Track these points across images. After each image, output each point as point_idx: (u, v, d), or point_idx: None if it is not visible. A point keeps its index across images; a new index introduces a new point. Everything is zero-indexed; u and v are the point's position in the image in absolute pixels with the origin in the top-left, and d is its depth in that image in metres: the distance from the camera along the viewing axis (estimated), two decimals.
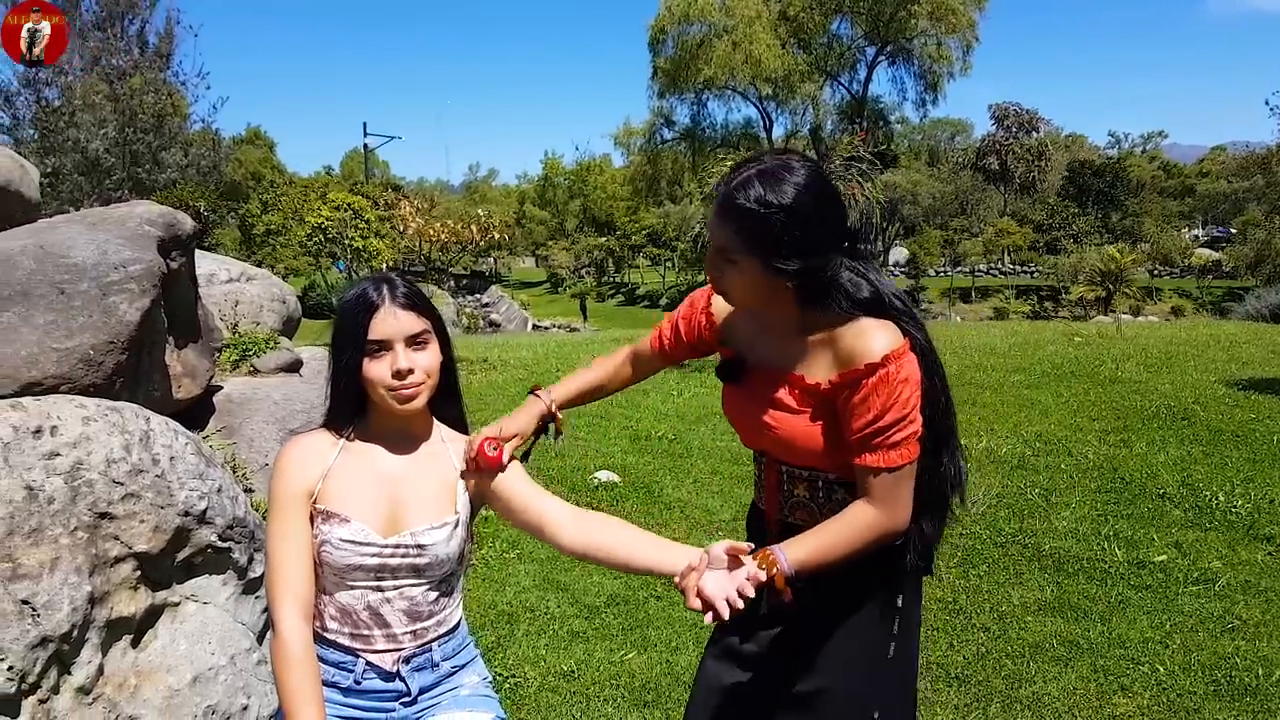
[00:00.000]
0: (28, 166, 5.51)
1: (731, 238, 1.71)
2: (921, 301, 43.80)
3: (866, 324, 1.73)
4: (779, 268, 1.68)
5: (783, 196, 1.66)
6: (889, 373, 1.68)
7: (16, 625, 2.28)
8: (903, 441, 1.70)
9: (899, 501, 1.72)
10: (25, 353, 3.36)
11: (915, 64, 35.15)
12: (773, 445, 1.90)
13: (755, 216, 1.67)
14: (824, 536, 1.72)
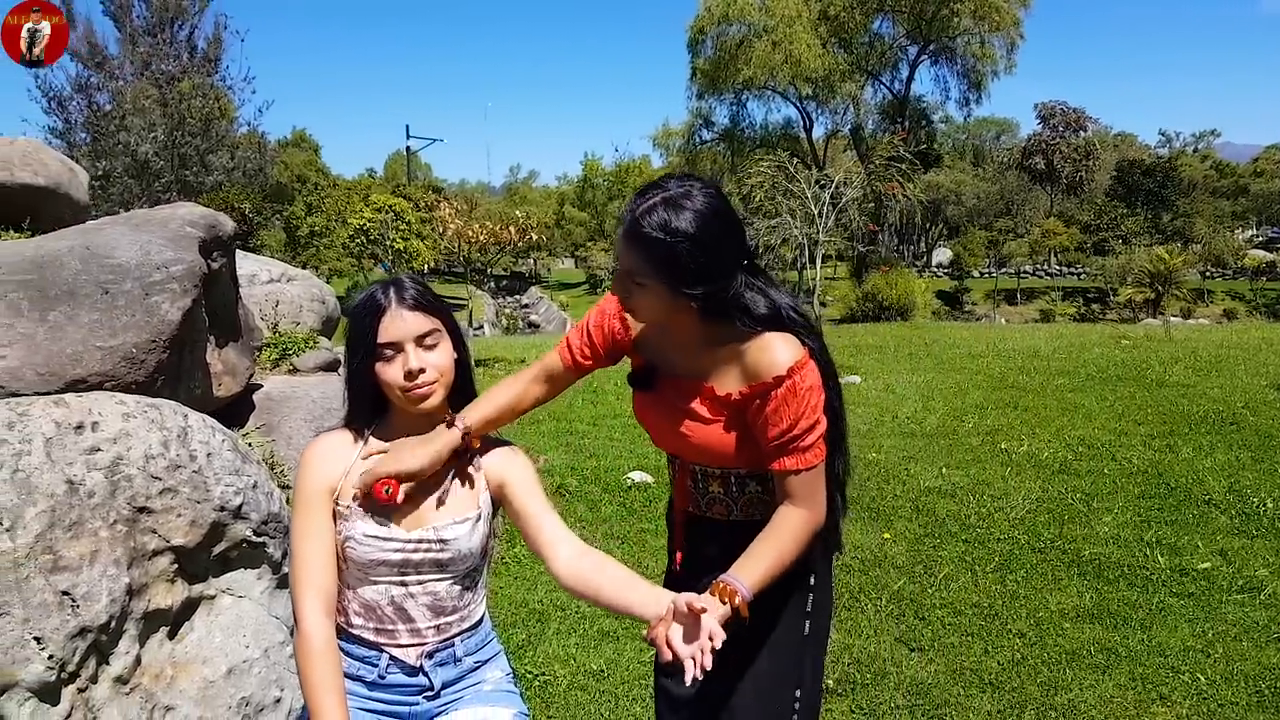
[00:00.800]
0: (77, 169, 5.65)
1: (639, 263, 1.78)
2: (965, 303, 43.28)
3: (770, 338, 1.83)
4: (684, 291, 1.77)
5: (687, 224, 1.73)
6: (795, 383, 1.79)
7: (57, 615, 2.34)
8: (814, 444, 1.83)
9: (817, 497, 1.85)
10: (70, 351, 3.44)
11: (958, 63, 34.74)
12: (688, 451, 2.00)
13: (661, 245, 1.73)
14: (768, 552, 1.81)
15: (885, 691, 3.41)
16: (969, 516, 5.45)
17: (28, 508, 2.36)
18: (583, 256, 68.12)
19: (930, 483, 6.21)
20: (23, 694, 2.28)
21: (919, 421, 8.49)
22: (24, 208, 5.07)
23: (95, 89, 20.58)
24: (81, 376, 3.43)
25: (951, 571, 4.59)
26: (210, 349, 4.18)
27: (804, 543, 1.83)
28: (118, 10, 24.37)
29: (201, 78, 21.07)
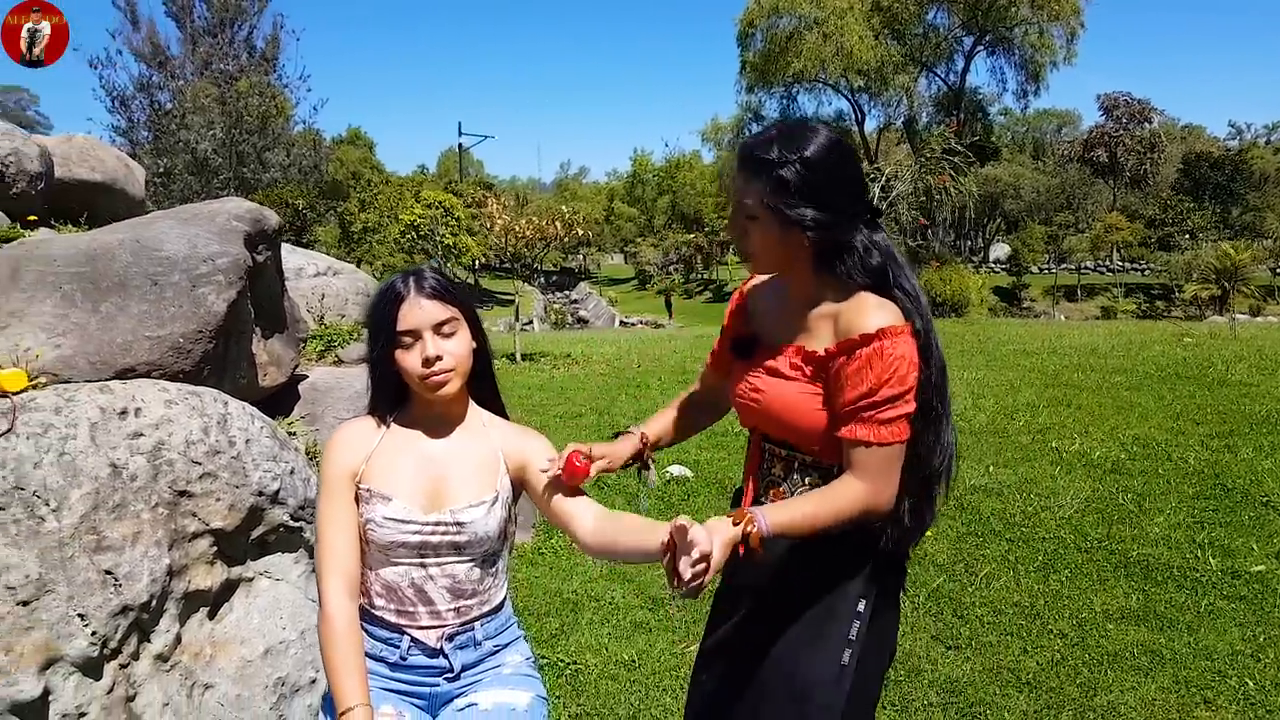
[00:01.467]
0: (133, 166, 5.81)
1: (750, 191, 1.73)
2: (1023, 300, 42.52)
3: (869, 298, 1.74)
4: (793, 217, 1.70)
5: (800, 149, 1.70)
6: (883, 346, 1.67)
7: (100, 593, 2.42)
8: (895, 420, 1.69)
9: (885, 480, 1.70)
10: (121, 340, 3.54)
11: (1016, 53, 34.04)
12: (758, 416, 1.90)
13: (772, 166, 1.69)
14: (806, 504, 1.70)
15: (919, 689, 3.38)
16: (1014, 515, 5.37)
17: (73, 490, 2.45)
18: (632, 252, 68.17)
19: (976, 481, 6.13)
20: (67, 668, 2.36)
21: (968, 419, 8.37)
22: (82, 202, 5.22)
23: (156, 88, 21.13)
24: (131, 365, 3.54)
25: (993, 570, 4.53)
26: (256, 340, 4.28)
27: (850, 517, 1.69)
28: (179, 11, 25.02)
29: (258, 77, 21.50)
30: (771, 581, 1.86)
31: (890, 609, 1.92)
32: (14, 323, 3.51)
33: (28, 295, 3.57)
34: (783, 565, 1.83)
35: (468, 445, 1.97)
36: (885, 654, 1.94)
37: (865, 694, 1.89)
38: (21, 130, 4.77)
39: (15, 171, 4.50)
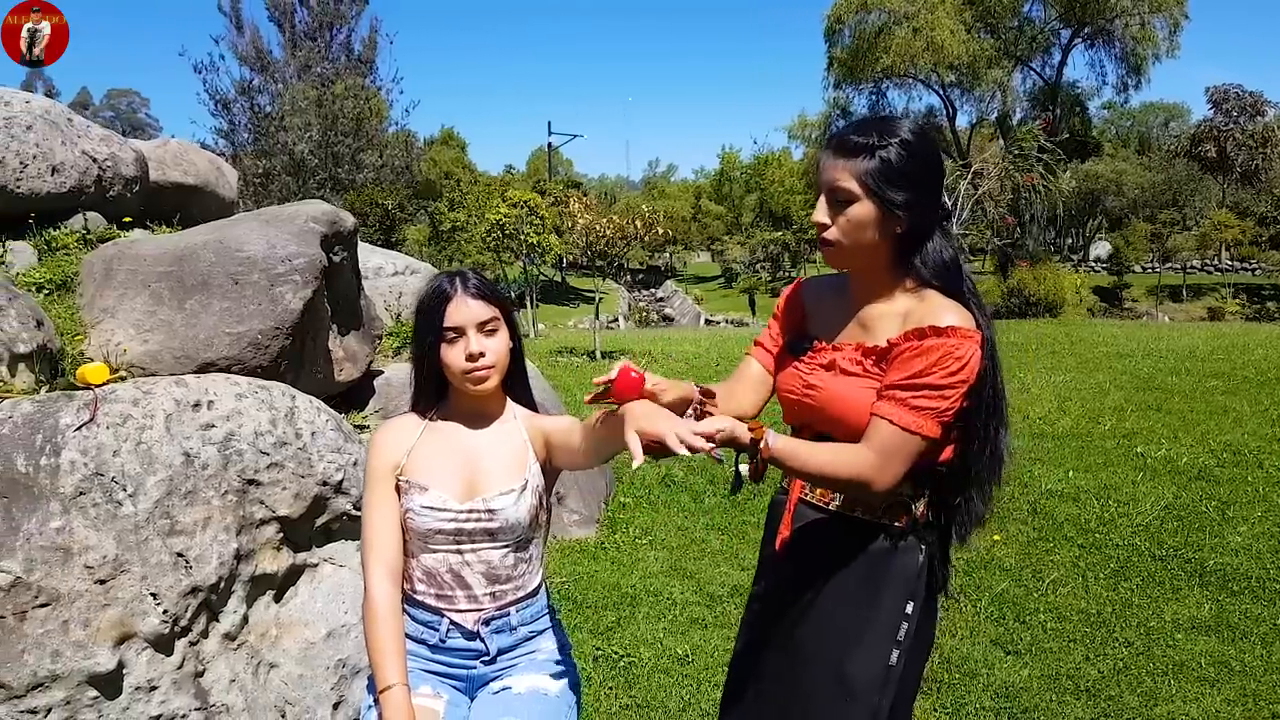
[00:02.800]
0: (225, 168, 6.09)
1: (849, 173, 1.72)
2: (1124, 300, 41.04)
3: (942, 299, 1.74)
4: (892, 198, 1.70)
5: (898, 132, 1.73)
6: (946, 342, 1.67)
7: (171, 574, 2.58)
8: (925, 410, 1.67)
9: (893, 462, 1.68)
10: (203, 336, 3.75)
11: (1116, 46, 32.72)
12: (811, 412, 1.87)
13: (874, 148, 1.70)
14: (811, 447, 1.73)
15: (973, 692, 3.35)
16: (1089, 521, 5.24)
17: (148, 476, 2.61)
18: (719, 250, 67.96)
19: (1053, 486, 6.00)
20: (140, 644, 2.53)
21: (1051, 423, 8.18)
22: (175, 204, 5.50)
23: (257, 91, 21.96)
24: (212, 360, 3.74)
25: (1061, 576, 4.44)
26: (333, 336, 4.46)
27: (846, 478, 1.70)
28: (281, 15, 25.93)
29: (354, 79, 22.14)
30: (817, 585, 1.86)
31: (933, 607, 1.92)
32: (106, 319, 3.75)
33: (119, 293, 3.81)
34: (824, 566, 1.85)
35: (501, 438, 2.06)
36: (926, 652, 1.94)
37: (907, 692, 1.89)
38: (119, 136, 5.05)
39: (112, 175, 4.78)
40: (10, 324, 3.29)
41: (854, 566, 1.83)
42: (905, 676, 1.83)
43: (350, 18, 26.51)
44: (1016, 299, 27.54)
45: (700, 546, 4.93)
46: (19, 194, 4.37)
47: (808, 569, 1.88)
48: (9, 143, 4.37)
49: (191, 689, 2.61)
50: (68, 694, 2.45)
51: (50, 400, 2.69)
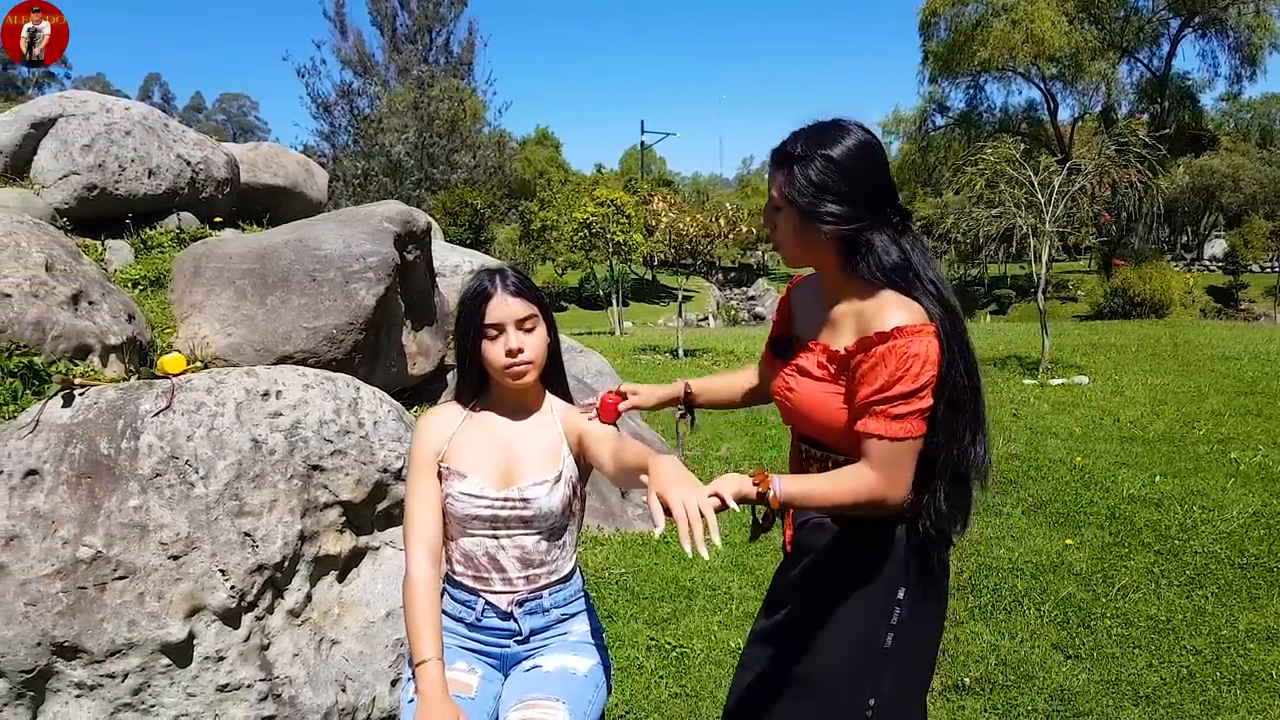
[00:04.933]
0: (314, 170, 6.36)
1: (778, 184, 1.83)
2: (1240, 300, 39.14)
3: (889, 296, 1.78)
4: (815, 212, 1.77)
5: (826, 146, 1.77)
6: (899, 345, 1.70)
7: (239, 552, 2.75)
8: (907, 415, 1.71)
9: (897, 473, 1.73)
10: (282, 330, 3.95)
11: (1229, 35, 31.13)
12: (791, 414, 1.96)
13: (795, 160, 1.78)
14: (818, 480, 1.77)
15: (1026, 695, 3.30)
16: (1169, 527, 5.08)
17: (219, 460, 2.78)
18: None
19: (1135, 491, 5.82)
20: (209, 617, 2.70)
21: (1143, 426, 7.92)
22: (265, 205, 5.78)
23: (356, 94, 22.68)
24: (289, 353, 3.94)
25: (1132, 582, 4.32)
26: (406, 331, 4.63)
27: (858, 502, 1.74)
28: (381, 20, 26.72)
29: (450, 81, 22.67)
30: (815, 579, 1.94)
31: (932, 597, 1.93)
32: (194, 313, 3.98)
33: (207, 289, 4.04)
34: (822, 562, 1.93)
35: (537, 430, 2.14)
36: (927, 639, 1.97)
37: (908, 676, 1.93)
38: (211, 140, 5.33)
39: (204, 177, 5.05)
40: (103, 318, 3.54)
41: (848, 559, 1.89)
42: (904, 660, 1.88)
43: (449, 20, 27.17)
44: (1120, 299, 26.57)
45: (763, 543, 4.94)
46: (118, 195, 4.66)
47: (809, 564, 1.96)
48: (109, 147, 4.66)
49: (257, 661, 2.78)
50: (142, 661, 2.63)
51: (132, 388, 2.89)
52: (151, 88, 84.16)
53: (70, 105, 4.76)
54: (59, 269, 3.51)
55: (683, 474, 1.65)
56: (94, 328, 3.45)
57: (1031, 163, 11.65)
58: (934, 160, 36.64)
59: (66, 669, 2.62)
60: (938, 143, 36.70)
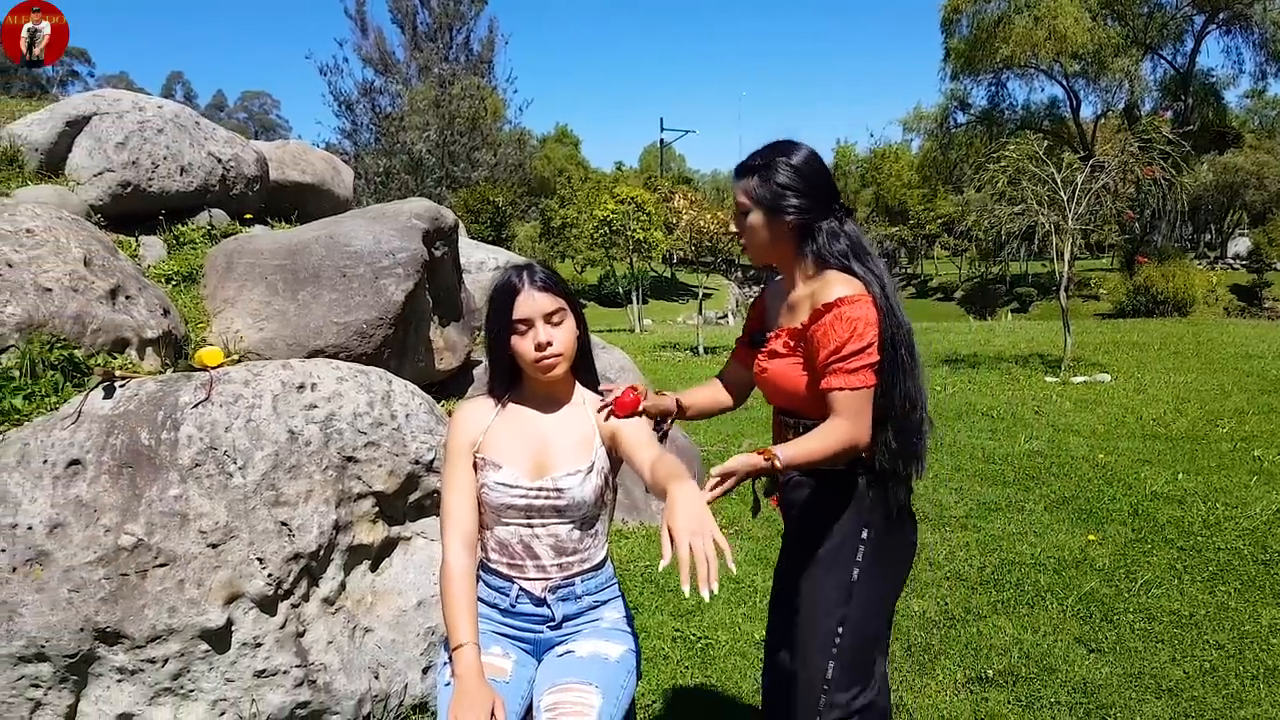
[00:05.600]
0: (340, 167, 6.43)
1: (741, 191, 2.19)
2: (1264, 299, 38.78)
3: (833, 275, 2.12)
4: (780, 206, 2.13)
5: (784, 156, 2.16)
6: (843, 310, 2.04)
7: (276, 541, 2.81)
8: (859, 369, 2.03)
9: (862, 418, 2.05)
10: (314, 325, 4.02)
11: (1254, 32, 30.80)
12: (767, 391, 2.28)
13: (762, 169, 2.16)
14: (806, 440, 2.06)
15: (1049, 687, 3.32)
16: (1192, 524, 5.08)
17: (256, 451, 2.85)
18: None
19: (1158, 488, 5.82)
20: (247, 604, 2.76)
21: (1165, 424, 7.91)
22: (294, 202, 5.86)
23: (378, 92, 22.80)
24: (321, 348, 4.00)
25: (1155, 577, 4.33)
26: (433, 327, 4.69)
27: (839, 450, 2.04)
28: (402, 18, 26.84)
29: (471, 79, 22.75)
30: (799, 527, 2.28)
31: (895, 534, 2.22)
32: (226, 308, 4.05)
33: (239, 284, 4.11)
34: (803, 513, 2.25)
35: (570, 421, 2.19)
36: (891, 573, 2.27)
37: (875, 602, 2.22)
38: (241, 138, 5.40)
39: (235, 175, 5.12)
40: (140, 312, 3.61)
41: (822, 508, 2.22)
42: (871, 591, 2.20)
43: (469, 18, 27.25)
44: (1143, 297, 26.38)
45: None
46: (151, 192, 4.75)
47: (795, 519, 2.29)
48: (142, 145, 4.75)
49: (293, 647, 2.84)
50: (182, 646, 2.70)
51: (171, 380, 2.96)
52: (174, 86, 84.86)
53: (104, 103, 4.85)
54: (97, 264, 3.58)
55: (696, 509, 1.72)
56: (131, 322, 3.53)
57: (1054, 160, 11.62)
58: (955, 157, 36.49)
59: (108, 654, 2.69)
60: (959, 140, 36.53)
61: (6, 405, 2.99)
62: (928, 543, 4.89)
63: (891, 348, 2.07)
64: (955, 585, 4.31)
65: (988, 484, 6.05)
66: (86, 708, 2.72)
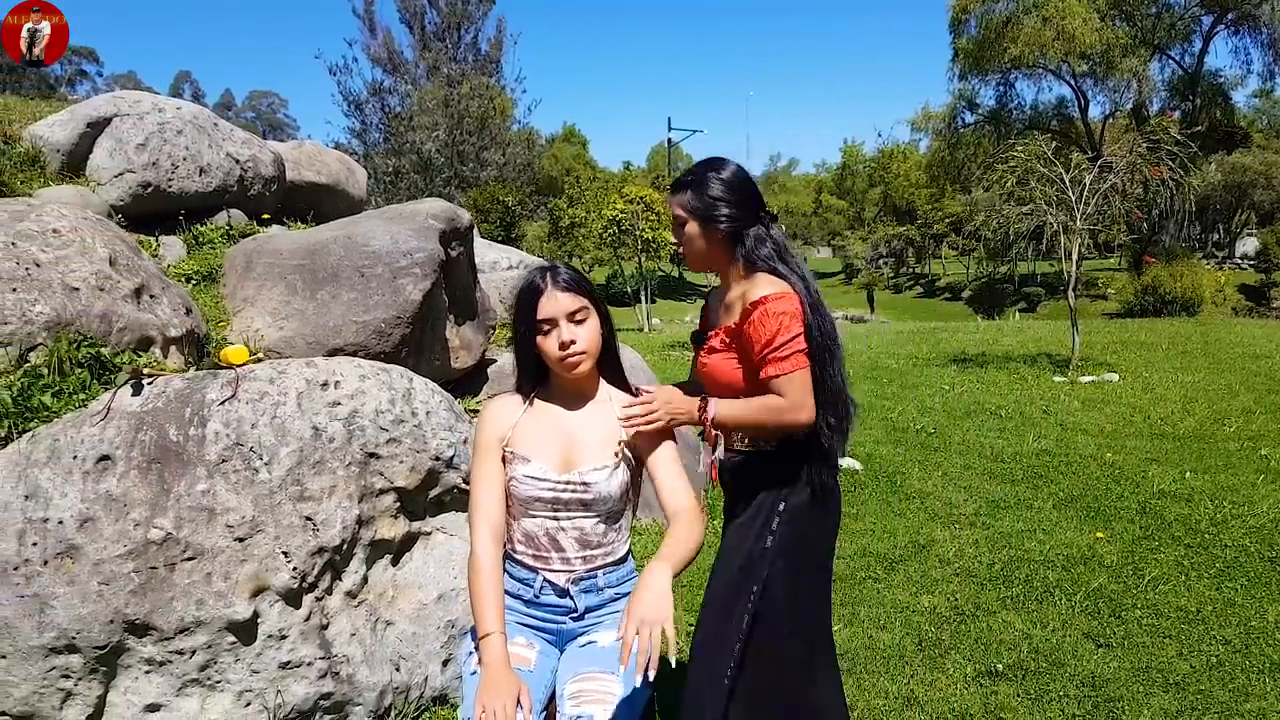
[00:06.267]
0: (355, 168, 6.49)
1: (677, 205, 2.41)
2: (1272, 299, 38.68)
3: (760, 277, 2.33)
4: (713, 215, 2.34)
5: (714, 171, 2.37)
6: (769, 306, 2.24)
7: (301, 535, 2.87)
8: (791, 355, 2.23)
9: (802, 398, 2.24)
10: (333, 324, 4.08)
11: (1263, 32, 30.74)
12: (706, 382, 2.45)
13: (695, 185, 2.37)
14: (742, 405, 2.29)
15: (1057, 681, 3.37)
16: (1199, 522, 5.12)
17: (282, 447, 2.91)
18: (840, 245, 67.03)
19: (1166, 486, 5.85)
20: (273, 596, 2.83)
21: (1173, 423, 7.93)
22: (309, 202, 5.92)
23: (388, 92, 22.88)
24: (340, 346, 4.07)
25: (1162, 574, 4.37)
26: (449, 326, 4.75)
27: (774, 421, 2.26)
28: (412, 17, 26.90)
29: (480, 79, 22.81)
30: (731, 498, 2.51)
31: (816, 507, 2.39)
32: (246, 307, 4.11)
33: (258, 284, 4.17)
34: (735, 484, 2.47)
35: (596, 417, 2.25)
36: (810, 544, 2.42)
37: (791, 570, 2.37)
38: (258, 139, 5.46)
39: (253, 175, 5.19)
40: (164, 311, 3.68)
41: (750, 483, 2.41)
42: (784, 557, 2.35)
43: (477, 18, 27.30)
44: (1150, 296, 26.33)
45: None
46: (170, 193, 4.82)
47: (729, 486, 2.50)
48: (162, 146, 4.82)
49: (317, 640, 2.90)
50: (209, 638, 2.77)
51: (198, 378, 3.03)
52: (182, 85, 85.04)
53: (124, 105, 4.91)
54: (122, 264, 3.65)
55: (656, 598, 1.88)
56: (155, 320, 3.59)
57: (1062, 160, 11.64)
58: (963, 157, 36.50)
59: (137, 645, 2.75)
60: (967, 140, 36.53)
61: (36, 402, 3.06)
62: (937, 539, 4.94)
63: (819, 336, 2.29)
64: (965, 581, 4.36)
65: (997, 482, 6.09)
66: (115, 698, 2.79)
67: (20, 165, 4.66)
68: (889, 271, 56.94)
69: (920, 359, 12.61)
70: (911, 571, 4.50)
